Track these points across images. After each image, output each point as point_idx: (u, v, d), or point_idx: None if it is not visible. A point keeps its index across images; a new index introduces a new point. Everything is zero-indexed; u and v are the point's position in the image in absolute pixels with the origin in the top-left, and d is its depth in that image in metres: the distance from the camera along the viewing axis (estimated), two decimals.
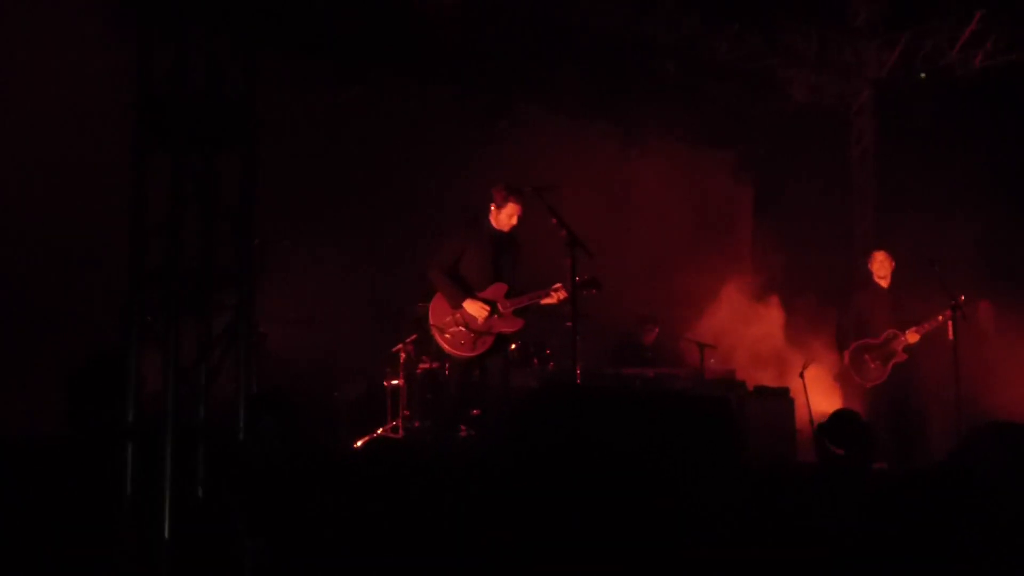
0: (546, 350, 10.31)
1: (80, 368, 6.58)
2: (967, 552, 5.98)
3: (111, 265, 5.93)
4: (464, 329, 8.26)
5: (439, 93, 11.84)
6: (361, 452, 9.70)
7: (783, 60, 13.23)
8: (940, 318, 9.96)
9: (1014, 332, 10.80)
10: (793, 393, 10.85)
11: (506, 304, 8.37)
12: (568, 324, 8.42)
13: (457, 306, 8.28)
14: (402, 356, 10.24)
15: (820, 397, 11.23)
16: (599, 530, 5.51)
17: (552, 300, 8.40)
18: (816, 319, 11.79)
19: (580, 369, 8.74)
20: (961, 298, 9.83)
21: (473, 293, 8.33)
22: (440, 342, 8.32)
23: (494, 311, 8.33)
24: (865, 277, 10.57)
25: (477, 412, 9.16)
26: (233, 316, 5.46)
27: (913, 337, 10.08)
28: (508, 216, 8.44)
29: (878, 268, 10.45)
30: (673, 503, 5.91)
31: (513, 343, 9.57)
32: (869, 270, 10.52)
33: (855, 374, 10.29)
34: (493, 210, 8.47)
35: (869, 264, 10.55)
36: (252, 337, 5.51)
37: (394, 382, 10.33)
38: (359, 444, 9.84)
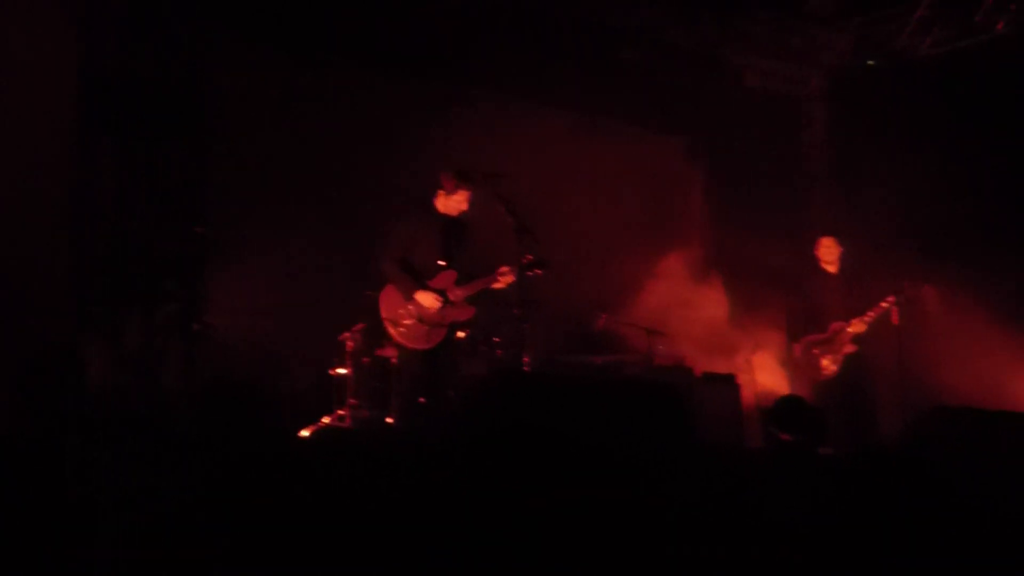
0: (495, 338, 10.29)
1: (25, 359, 6.51)
2: (914, 535, 6.05)
3: (55, 254, 5.86)
4: (418, 322, 8.25)
5: (391, 79, 11.76)
6: (308, 441, 9.64)
7: (736, 46, 13.26)
8: (884, 304, 10.05)
9: (958, 316, 10.89)
10: (740, 379, 10.91)
11: (457, 292, 8.37)
12: (516, 311, 8.42)
13: (410, 297, 8.26)
14: (349, 344, 10.18)
15: (768, 382, 11.30)
16: (547, 518, 5.52)
17: (500, 285, 8.40)
18: (765, 305, 11.83)
19: (528, 356, 8.74)
20: (905, 283, 9.92)
21: (425, 284, 8.31)
22: (394, 335, 8.31)
23: (446, 301, 8.32)
24: (813, 263, 10.63)
25: (424, 400, 9.14)
26: (180, 305, 5.43)
27: (859, 327, 10.17)
28: (457, 202, 8.43)
29: (825, 254, 10.52)
30: (622, 490, 5.93)
31: (460, 331, 9.57)
32: (816, 256, 10.58)
33: (808, 370, 10.36)
34: (442, 196, 8.45)
35: (816, 250, 10.62)
36: (198, 326, 5.48)
37: (341, 371, 10.28)
38: (306, 433, 9.78)
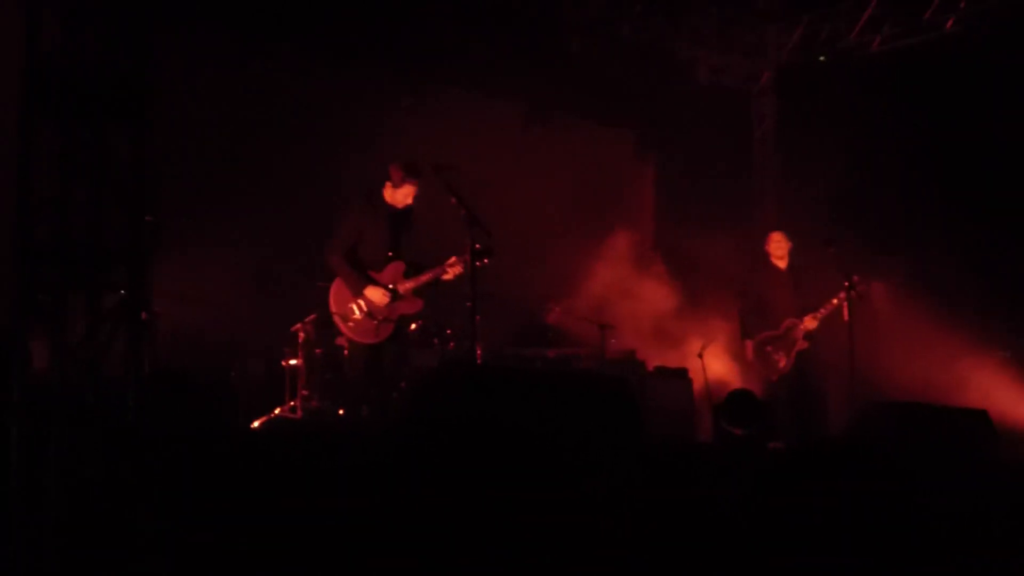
0: (447, 330, 10.27)
1: None
2: (859, 526, 6.09)
3: None
4: (367, 317, 8.22)
5: (341, 68, 11.69)
6: (259, 432, 9.57)
7: (686, 41, 13.31)
8: (835, 301, 10.09)
9: (907, 313, 10.98)
10: (692, 373, 10.94)
11: (405, 284, 8.33)
12: (468, 304, 8.39)
13: (358, 293, 8.23)
14: (301, 336, 10.12)
15: (719, 377, 11.34)
16: (496, 510, 5.50)
17: (449, 276, 8.37)
18: (716, 299, 11.88)
19: (480, 349, 8.72)
20: (855, 278, 9.96)
21: (373, 279, 8.27)
22: (343, 329, 8.29)
23: (395, 296, 8.29)
24: (763, 258, 10.67)
25: (375, 392, 9.10)
26: (124, 294, 5.35)
27: (811, 323, 10.22)
28: (404, 196, 8.40)
29: (775, 249, 10.55)
30: (572, 482, 5.92)
31: (414, 323, 9.54)
32: (766, 251, 10.62)
33: (761, 367, 10.39)
34: (389, 187, 8.42)
35: (766, 245, 10.65)
36: (145, 315, 5.40)
37: (292, 362, 10.21)
38: (257, 424, 9.71)
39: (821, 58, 13.54)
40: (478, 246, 8.11)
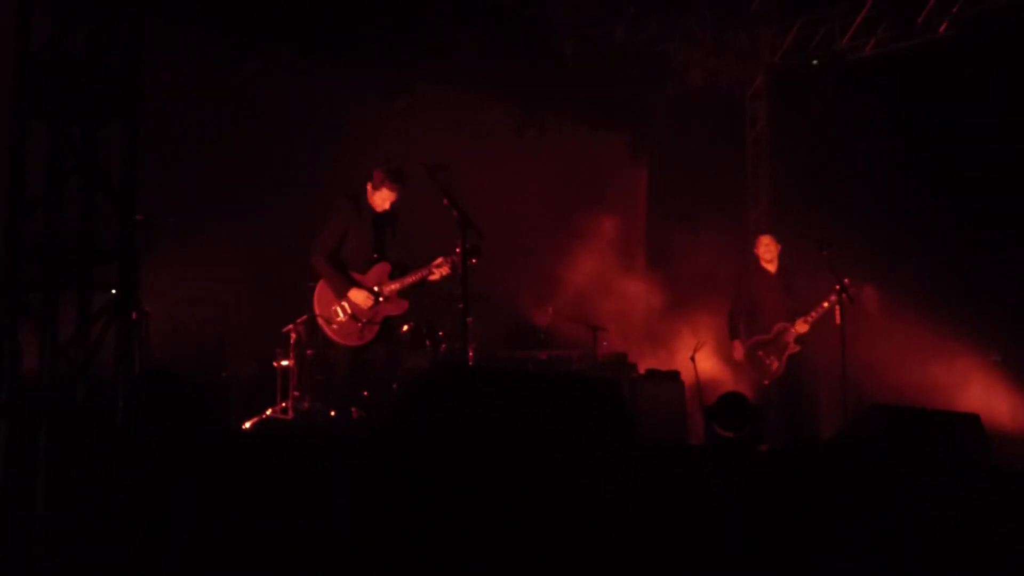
0: (439, 332, 10.24)
1: None
2: (849, 527, 6.09)
3: None
4: (351, 320, 8.21)
5: (333, 68, 11.68)
6: (250, 433, 9.55)
7: (680, 44, 13.32)
8: (826, 304, 10.11)
9: (899, 316, 10.98)
10: (683, 376, 10.93)
11: (390, 286, 8.32)
12: (460, 305, 8.38)
13: (342, 296, 8.22)
14: (292, 336, 10.10)
15: (710, 378, 11.33)
16: (488, 511, 5.49)
17: (435, 277, 8.36)
18: (708, 302, 11.88)
19: (473, 350, 8.71)
20: (847, 281, 9.95)
21: (356, 281, 8.26)
22: (327, 332, 8.28)
23: (378, 299, 8.28)
24: (752, 261, 10.67)
25: (367, 393, 9.08)
26: (114, 293, 5.32)
27: (803, 327, 10.23)
28: (381, 199, 8.40)
29: (764, 251, 10.56)
30: (564, 484, 5.91)
31: (405, 325, 9.53)
32: (756, 254, 10.62)
33: (753, 371, 10.40)
34: (370, 189, 8.41)
35: (755, 248, 10.66)
36: (133, 314, 5.37)
37: (284, 363, 10.19)
38: (248, 425, 9.69)
39: (814, 61, 13.58)
40: (468, 246, 8.10)
